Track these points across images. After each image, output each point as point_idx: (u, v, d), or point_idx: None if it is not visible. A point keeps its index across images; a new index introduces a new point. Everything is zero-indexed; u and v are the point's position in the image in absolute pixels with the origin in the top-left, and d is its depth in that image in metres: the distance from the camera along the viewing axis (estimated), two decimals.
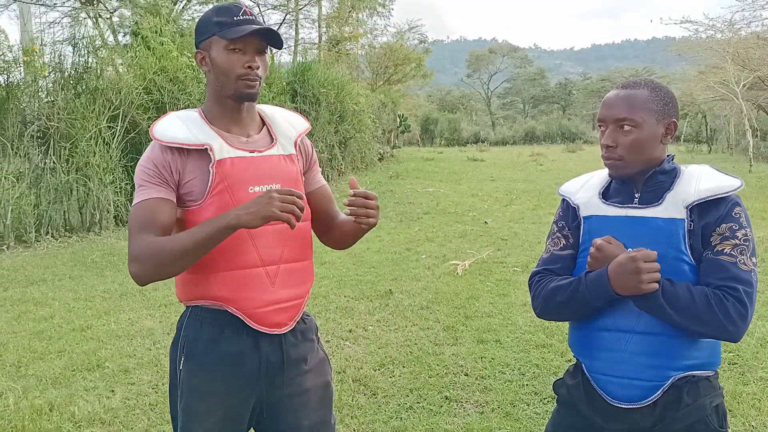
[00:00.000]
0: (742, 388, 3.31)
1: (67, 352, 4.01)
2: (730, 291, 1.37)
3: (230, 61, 1.52)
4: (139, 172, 1.52)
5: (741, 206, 1.45)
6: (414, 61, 25.91)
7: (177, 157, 1.52)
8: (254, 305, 1.53)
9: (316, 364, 1.68)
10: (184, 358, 1.58)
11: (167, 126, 1.55)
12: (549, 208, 10.13)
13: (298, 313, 1.63)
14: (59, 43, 8.92)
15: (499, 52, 66.19)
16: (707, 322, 1.37)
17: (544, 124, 47.58)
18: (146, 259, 1.44)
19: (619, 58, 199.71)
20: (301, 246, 1.64)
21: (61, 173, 7.96)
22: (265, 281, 1.55)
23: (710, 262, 1.41)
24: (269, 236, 1.55)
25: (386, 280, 5.69)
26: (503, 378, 3.54)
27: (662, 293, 1.38)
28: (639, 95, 1.49)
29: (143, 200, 1.48)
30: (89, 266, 6.37)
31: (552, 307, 1.57)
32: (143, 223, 1.46)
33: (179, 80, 9.20)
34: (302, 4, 20.34)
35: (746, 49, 18.74)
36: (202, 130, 1.54)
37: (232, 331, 1.55)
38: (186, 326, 1.60)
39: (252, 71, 1.52)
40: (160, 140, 1.51)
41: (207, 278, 1.53)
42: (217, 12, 1.54)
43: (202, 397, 1.55)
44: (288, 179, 1.60)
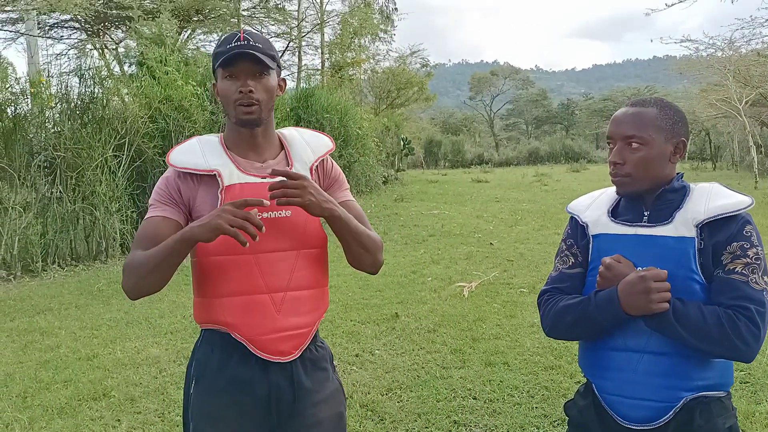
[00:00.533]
0: (755, 408, 3.26)
1: (73, 381, 3.99)
2: (742, 311, 1.36)
3: (226, 88, 1.55)
4: (154, 192, 1.60)
5: (752, 224, 1.44)
6: (416, 85, 26.11)
7: (189, 181, 1.56)
8: (257, 332, 1.53)
9: (329, 394, 1.65)
10: (195, 382, 1.58)
11: (183, 151, 1.60)
12: (554, 228, 10.11)
13: (305, 342, 1.60)
14: (66, 74, 9.07)
15: (501, 74, 66.61)
16: (719, 342, 1.36)
17: (548, 144, 47.67)
18: (129, 272, 1.49)
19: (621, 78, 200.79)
20: (313, 273, 1.61)
21: (67, 202, 8.01)
22: (270, 308, 1.54)
23: (721, 281, 1.40)
24: (277, 263, 1.55)
25: (392, 303, 5.67)
26: (512, 401, 3.50)
27: (673, 313, 1.36)
28: (648, 113, 1.49)
29: (148, 218, 1.56)
30: (95, 295, 6.38)
31: (561, 326, 1.56)
32: (140, 240, 1.52)
33: (184, 108, 9.29)
34: (305, 32, 20.61)
35: (747, 66, 18.80)
36: (216, 155, 1.58)
37: (240, 357, 1.55)
38: (198, 349, 1.61)
39: (245, 96, 1.53)
40: (173, 165, 1.57)
41: (213, 302, 1.54)
42: (219, 43, 1.59)
43: (211, 422, 1.54)
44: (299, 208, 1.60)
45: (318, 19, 21.15)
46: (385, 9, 24.93)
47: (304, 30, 20.51)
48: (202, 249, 1.52)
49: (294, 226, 1.57)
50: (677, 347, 1.42)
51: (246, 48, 1.52)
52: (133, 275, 1.48)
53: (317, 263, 1.63)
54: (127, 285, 1.50)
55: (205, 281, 1.56)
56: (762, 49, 17.49)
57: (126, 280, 1.50)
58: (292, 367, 1.58)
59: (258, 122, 1.57)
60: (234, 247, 1.49)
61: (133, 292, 1.51)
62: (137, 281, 1.48)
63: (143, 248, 1.49)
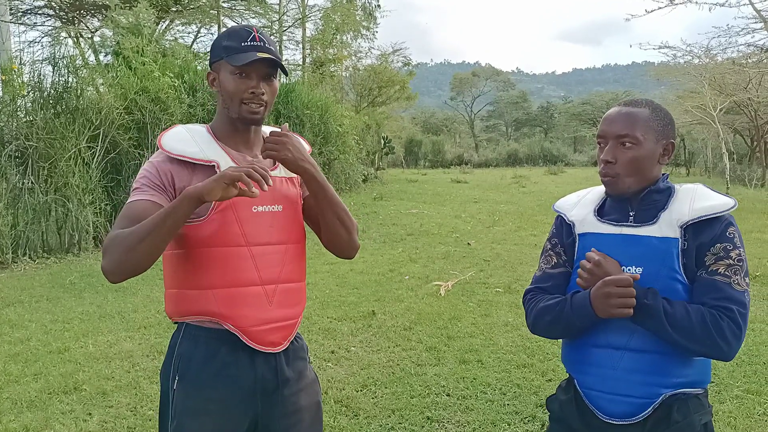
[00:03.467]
0: (719, 407, 3.34)
1: (43, 374, 3.93)
2: (725, 311, 1.39)
3: (236, 85, 1.53)
4: (140, 175, 1.52)
5: (735, 226, 1.47)
6: (398, 84, 26.09)
7: (182, 169, 1.53)
8: (251, 323, 1.54)
9: (308, 383, 1.68)
10: (178, 378, 1.55)
11: (176, 138, 1.56)
12: (531, 229, 10.21)
13: (293, 333, 1.64)
14: (39, 62, 8.88)
15: (483, 75, 66.95)
16: (702, 342, 1.39)
17: (527, 146, 48.07)
18: (113, 248, 1.38)
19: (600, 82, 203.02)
20: (299, 267, 1.66)
21: (39, 193, 7.87)
22: (263, 300, 1.55)
23: (704, 282, 1.43)
24: (270, 255, 1.57)
25: (369, 301, 5.68)
26: (485, 398, 3.53)
27: (663, 312, 1.39)
28: (641, 113, 1.51)
29: (133, 201, 1.48)
30: (67, 288, 6.28)
31: (541, 325, 1.61)
32: (124, 219, 1.44)
33: (161, 100, 9.18)
34: (286, 26, 20.49)
35: (722, 74, 19.16)
36: (210, 146, 1.57)
37: (228, 349, 1.55)
38: (179, 345, 1.58)
39: (256, 97, 1.54)
40: (169, 152, 1.52)
41: (205, 294, 1.52)
42: (228, 35, 1.57)
43: (195, 417, 1.53)
44: (289, 201, 1.63)
45: (299, 14, 21.04)
46: (368, 5, 24.89)
47: (286, 24, 20.39)
48: (193, 240, 1.50)
49: (284, 220, 1.60)
50: (658, 345, 1.45)
51: (264, 51, 1.53)
52: (119, 249, 1.37)
53: (301, 258, 1.67)
54: (111, 263, 1.39)
55: (192, 272, 1.52)
56: (737, 58, 17.86)
57: (109, 258, 1.39)
58: (276, 358, 1.60)
59: (260, 122, 1.60)
60: (229, 238, 1.51)
61: (117, 269, 1.39)
62: (124, 254, 1.37)
63: (127, 226, 1.41)
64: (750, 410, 3.33)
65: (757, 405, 3.38)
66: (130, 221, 1.42)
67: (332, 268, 6.99)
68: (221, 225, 1.50)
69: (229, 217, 1.51)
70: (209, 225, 1.50)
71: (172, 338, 1.61)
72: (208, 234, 1.48)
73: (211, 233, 1.48)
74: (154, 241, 1.37)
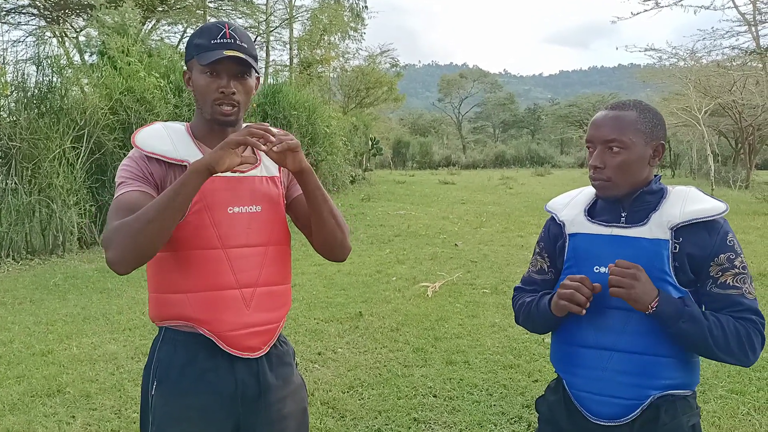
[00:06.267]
0: (703, 406, 3.36)
1: (26, 377, 3.88)
2: (751, 324, 1.41)
3: (206, 85, 1.49)
4: (121, 171, 1.48)
5: (731, 232, 1.47)
6: (386, 85, 26.12)
7: (157, 167, 1.49)
8: (227, 328, 1.49)
9: (293, 389, 1.64)
10: (156, 383, 1.52)
11: (150, 135, 1.52)
12: (518, 230, 10.25)
13: (273, 338, 1.58)
14: (22, 61, 8.78)
15: (470, 77, 67.22)
16: (734, 353, 1.41)
17: (514, 148, 48.33)
18: (119, 238, 1.33)
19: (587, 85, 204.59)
20: (281, 270, 1.61)
21: (23, 194, 7.78)
22: (240, 304, 1.51)
23: (719, 297, 1.44)
24: (248, 258, 1.52)
25: (356, 302, 5.67)
26: (471, 399, 3.54)
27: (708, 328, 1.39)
28: (628, 117, 1.49)
29: (123, 193, 1.43)
30: (51, 290, 6.21)
31: (521, 322, 1.69)
32: (119, 211, 1.39)
33: (147, 101, 9.11)
34: (273, 27, 20.43)
35: (707, 76, 19.37)
36: (185, 145, 1.52)
37: (206, 355, 1.51)
38: (159, 350, 1.54)
39: (226, 96, 1.49)
40: (141, 149, 1.48)
41: (181, 298, 1.49)
42: (200, 33, 1.52)
43: (176, 424, 1.50)
44: (269, 201, 1.57)
45: (287, 14, 20.99)
46: (356, 6, 24.88)
47: (273, 24, 20.33)
48: (170, 242, 1.46)
49: (264, 221, 1.55)
50: (647, 346, 1.45)
51: (233, 48, 1.48)
52: (126, 235, 1.32)
53: (284, 260, 1.62)
54: (118, 252, 1.32)
55: (170, 276, 1.49)
56: (722, 61, 18.05)
57: (115, 248, 1.32)
58: (258, 364, 1.56)
59: (234, 123, 1.55)
60: (204, 241, 1.47)
61: (126, 257, 1.33)
62: (132, 240, 1.31)
63: (124, 216, 1.36)
64: (734, 410, 3.36)
65: (740, 405, 3.41)
66: (126, 212, 1.37)
67: (319, 270, 6.97)
68: (196, 227, 1.46)
69: (204, 220, 1.47)
70: (185, 227, 1.46)
71: (153, 342, 1.59)
72: (183, 236, 1.45)
73: (187, 235, 1.44)
74: (164, 222, 1.33)
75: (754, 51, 14.90)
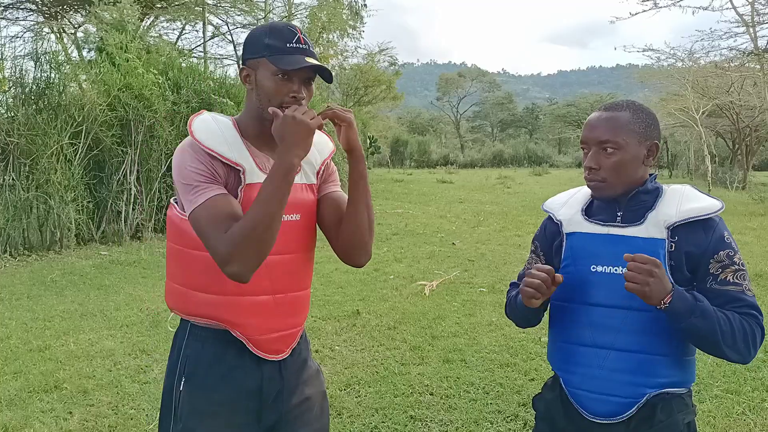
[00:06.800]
0: (699, 406, 3.38)
1: (23, 373, 3.88)
2: (753, 319, 1.42)
3: (277, 88, 1.47)
4: (189, 172, 1.43)
5: (727, 230, 1.48)
6: (384, 83, 26.15)
7: (219, 165, 1.46)
8: (257, 332, 1.52)
9: (312, 374, 1.69)
10: (185, 379, 1.53)
11: (208, 130, 1.49)
12: (515, 230, 10.27)
13: (295, 340, 1.63)
14: (21, 57, 8.76)
15: (469, 76, 67.26)
16: (738, 348, 1.41)
17: (512, 147, 48.40)
18: (242, 252, 1.35)
19: (585, 84, 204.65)
20: (307, 275, 1.65)
21: (20, 190, 7.76)
22: (271, 309, 1.54)
23: (720, 293, 1.44)
24: (283, 265, 1.54)
25: (354, 300, 5.68)
26: (468, 397, 3.55)
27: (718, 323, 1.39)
28: (621, 117, 1.50)
29: (210, 198, 1.40)
30: (48, 286, 6.21)
31: (508, 314, 1.73)
32: (221, 221, 1.38)
33: (145, 97, 9.08)
34: None
35: (705, 77, 19.43)
36: (237, 145, 1.49)
37: (234, 353, 1.53)
38: (186, 345, 1.55)
39: (296, 101, 1.48)
40: (203, 145, 1.45)
41: (212, 299, 1.50)
42: (270, 33, 1.48)
43: (203, 420, 1.52)
44: (307, 209, 1.59)
45: (286, 12, 20.97)
46: (355, 5, 24.85)
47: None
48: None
49: (301, 229, 1.57)
50: (643, 345, 1.46)
51: (309, 55, 1.48)
52: (250, 251, 1.35)
53: (310, 265, 1.66)
54: (245, 266, 1.36)
55: (202, 276, 1.49)
56: (720, 61, 18.09)
57: (241, 261, 1.35)
58: (281, 361, 1.60)
59: None
60: None
61: (252, 270, 1.37)
62: (258, 252, 1.36)
63: (229, 226, 1.36)
64: (729, 409, 3.37)
65: (735, 404, 3.43)
66: (227, 220, 1.37)
67: (317, 268, 6.96)
68: None
69: None
70: None
71: (177, 336, 1.59)
72: None
73: None
74: (278, 225, 1.39)
75: (752, 52, 14.94)
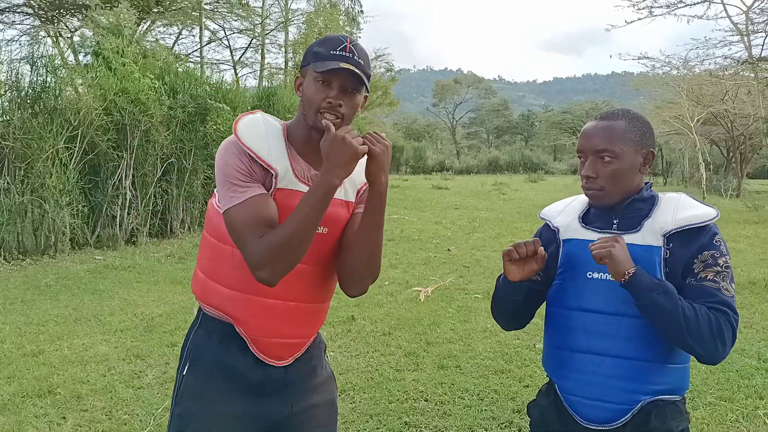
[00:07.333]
0: (692, 413, 3.39)
1: (17, 377, 3.86)
2: (722, 314, 1.40)
3: (315, 92, 1.49)
4: (230, 169, 1.46)
5: (719, 234, 1.49)
6: (381, 89, 26.20)
7: (257, 165, 1.48)
8: (261, 333, 1.54)
9: (322, 381, 1.68)
10: (189, 364, 1.58)
11: (252, 129, 1.51)
12: (511, 236, 10.29)
13: (301, 350, 1.62)
14: (17, 61, 8.75)
15: (465, 82, 67.45)
16: (704, 340, 1.39)
17: (507, 154, 48.55)
18: (274, 260, 1.39)
19: (580, 92, 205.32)
20: (327, 288, 1.64)
21: (15, 194, 7.74)
22: (281, 314, 1.54)
23: (695, 289, 1.44)
24: (302, 275, 1.54)
25: (349, 306, 5.67)
26: (462, 403, 3.55)
27: (681, 308, 1.39)
28: (617, 126, 1.51)
29: (247, 198, 1.43)
30: (43, 290, 6.18)
31: (493, 309, 1.74)
32: (257, 224, 1.41)
33: (141, 102, 9.07)
34: (269, 30, 20.45)
35: (700, 85, 19.54)
36: (278, 147, 1.51)
37: (238, 347, 1.55)
38: (195, 333, 1.61)
39: (332, 107, 1.49)
40: (243, 142, 1.47)
41: (226, 292, 1.53)
42: (321, 42, 1.53)
43: (201, 404, 1.54)
44: (336, 225, 1.57)
45: (283, 18, 21.02)
46: (351, 11, 24.95)
47: (268, 28, 20.35)
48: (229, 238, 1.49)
49: (326, 242, 1.57)
50: (638, 352, 1.47)
51: (349, 62, 1.48)
52: (281, 260, 1.40)
53: (331, 278, 1.64)
54: (275, 273, 1.40)
55: (222, 267, 1.53)
56: (714, 70, 18.20)
57: (270, 270, 1.40)
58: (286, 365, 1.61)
59: None
60: None
61: (280, 276, 1.42)
62: (287, 262, 1.41)
63: (264, 232, 1.40)
64: (722, 417, 3.39)
65: (729, 412, 3.44)
66: (263, 224, 1.41)
67: None
68: None
69: None
70: None
71: (191, 326, 1.64)
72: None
73: None
74: (310, 238, 1.43)
75: (747, 61, 15.05)
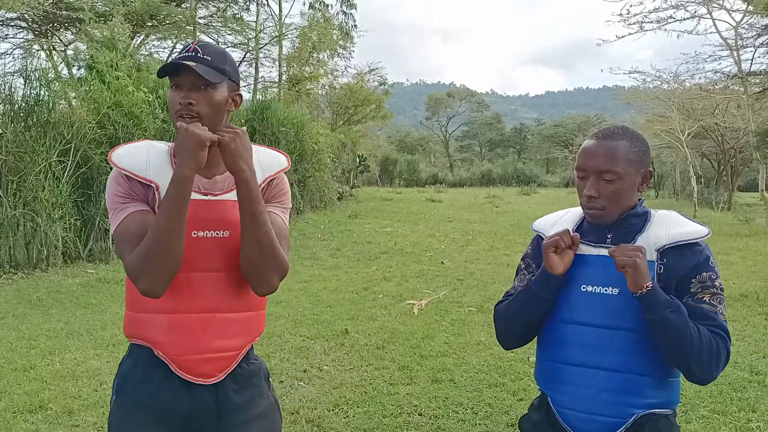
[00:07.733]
0: (685, 426, 3.40)
1: (8, 393, 3.83)
2: (720, 339, 1.44)
3: (170, 98, 1.50)
4: (110, 196, 1.48)
5: (712, 255, 1.53)
6: (374, 103, 26.25)
7: (137, 184, 1.49)
8: (181, 351, 1.49)
9: (261, 412, 1.59)
10: (116, 395, 1.55)
11: (128, 152, 1.51)
12: (504, 249, 10.31)
13: (231, 365, 1.55)
14: (10, 74, 8.75)
15: (457, 96, 67.69)
16: (702, 362, 1.43)
17: (500, 167, 48.76)
18: (147, 268, 1.38)
19: (572, 105, 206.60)
20: (246, 296, 1.55)
21: (7, 207, 7.70)
22: (196, 328, 1.49)
23: (693, 309, 1.46)
24: (210, 283, 1.50)
25: (343, 319, 5.66)
26: (456, 417, 3.54)
27: (689, 328, 1.41)
28: (620, 147, 1.51)
29: (123, 219, 1.45)
30: (34, 304, 6.14)
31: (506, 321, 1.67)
32: (130, 241, 1.41)
33: (134, 115, 9.08)
34: (263, 44, 20.53)
35: (690, 99, 19.70)
36: (160, 165, 1.49)
37: (163, 374, 1.50)
38: (122, 363, 1.57)
39: (184, 107, 1.46)
40: (114, 163, 1.49)
41: (145, 318, 1.50)
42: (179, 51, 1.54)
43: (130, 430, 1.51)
44: (237, 228, 1.50)
45: (276, 32, 21.12)
46: (345, 25, 25.13)
47: (262, 42, 20.42)
48: None
49: (230, 246, 1.51)
50: (631, 365, 1.48)
51: (189, 60, 1.46)
52: (152, 262, 1.37)
53: (245, 285, 1.55)
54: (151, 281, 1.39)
55: (137, 296, 1.48)
56: (705, 84, 18.37)
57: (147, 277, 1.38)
58: (218, 386, 1.53)
59: None
60: None
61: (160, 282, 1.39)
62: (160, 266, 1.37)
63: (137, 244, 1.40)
64: (716, 430, 3.39)
65: (722, 425, 3.45)
66: (137, 238, 1.41)
67: (306, 286, 6.96)
68: None
69: None
70: None
71: (124, 356, 1.60)
72: None
73: None
74: (181, 235, 1.40)
75: (736, 75, 15.20)
